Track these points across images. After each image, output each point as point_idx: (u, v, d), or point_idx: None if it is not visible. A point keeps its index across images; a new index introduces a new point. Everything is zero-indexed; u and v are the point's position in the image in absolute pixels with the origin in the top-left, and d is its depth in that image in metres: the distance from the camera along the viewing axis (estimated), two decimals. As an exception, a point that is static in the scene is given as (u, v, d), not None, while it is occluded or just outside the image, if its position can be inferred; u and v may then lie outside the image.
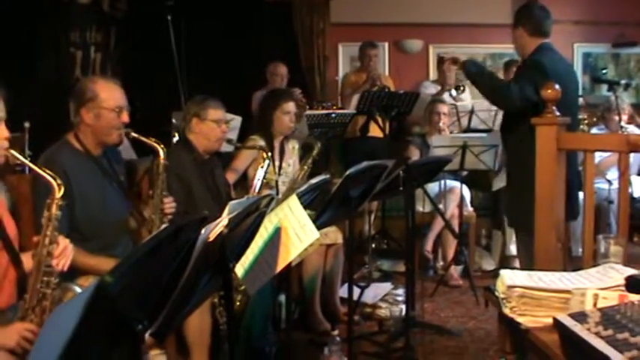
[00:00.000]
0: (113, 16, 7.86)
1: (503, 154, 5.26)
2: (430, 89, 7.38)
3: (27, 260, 2.59)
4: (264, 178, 4.37)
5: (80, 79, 7.55)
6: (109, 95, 3.30)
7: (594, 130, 6.37)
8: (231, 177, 4.63)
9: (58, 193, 2.47)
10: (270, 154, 4.43)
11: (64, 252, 2.53)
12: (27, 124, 5.38)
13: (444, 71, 7.29)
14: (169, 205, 3.47)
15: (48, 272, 2.45)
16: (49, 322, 1.42)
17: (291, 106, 4.83)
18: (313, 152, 4.91)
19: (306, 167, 4.85)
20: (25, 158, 2.57)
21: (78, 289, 2.82)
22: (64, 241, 2.54)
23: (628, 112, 6.48)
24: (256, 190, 4.33)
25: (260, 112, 4.98)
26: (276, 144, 4.83)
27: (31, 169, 2.57)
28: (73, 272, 2.94)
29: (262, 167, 4.36)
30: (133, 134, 3.37)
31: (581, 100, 7.75)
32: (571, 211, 3.87)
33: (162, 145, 3.41)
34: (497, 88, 4.27)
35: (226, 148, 4.97)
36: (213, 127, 4.07)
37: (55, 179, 2.47)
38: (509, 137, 4.38)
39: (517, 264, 5.50)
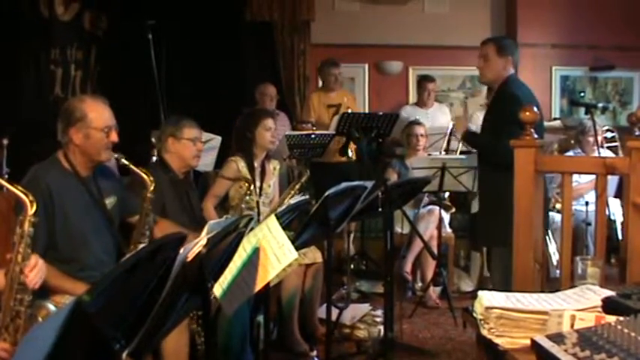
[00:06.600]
0: (94, 34, 7.82)
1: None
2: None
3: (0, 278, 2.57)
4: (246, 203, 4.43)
5: (60, 96, 7.52)
6: (98, 115, 3.28)
7: (570, 153, 6.42)
8: (212, 202, 4.70)
9: (31, 210, 2.45)
10: (252, 182, 4.48)
11: (36, 268, 2.51)
12: (5, 141, 5.34)
13: (423, 93, 7.36)
14: None
15: (21, 290, 2.43)
16: (26, 341, 1.40)
17: (270, 122, 4.87)
18: (302, 179, 4.92)
19: (292, 192, 4.82)
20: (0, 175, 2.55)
21: (52, 307, 2.80)
22: (35, 258, 2.52)
23: (603, 135, 6.54)
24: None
25: (239, 132, 4.90)
26: (257, 164, 4.82)
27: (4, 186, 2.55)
28: (48, 289, 2.91)
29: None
30: (124, 161, 3.37)
31: (559, 122, 7.85)
32: None
33: (151, 178, 3.41)
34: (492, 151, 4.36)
35: (204, 168, 4.96)
36: (189, 145, 4.17)
37: (27, 196, 2.45)
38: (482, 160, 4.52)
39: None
